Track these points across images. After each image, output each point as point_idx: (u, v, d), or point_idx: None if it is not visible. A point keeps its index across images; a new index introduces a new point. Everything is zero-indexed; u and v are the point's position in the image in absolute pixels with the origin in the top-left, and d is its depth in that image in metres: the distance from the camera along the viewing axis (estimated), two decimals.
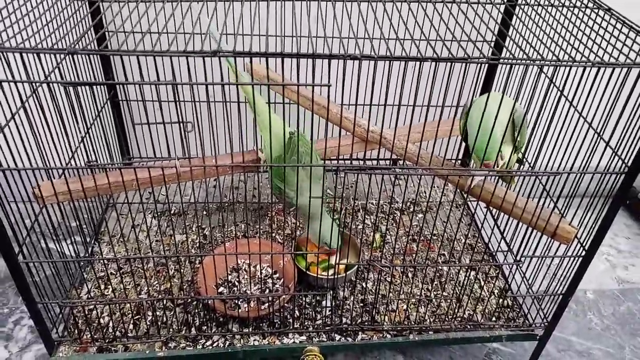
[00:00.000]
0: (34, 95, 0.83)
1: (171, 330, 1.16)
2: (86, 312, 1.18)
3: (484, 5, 0.96)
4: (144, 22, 0.86)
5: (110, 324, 1.17)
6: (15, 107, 0.85)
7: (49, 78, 0.80)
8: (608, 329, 1.46)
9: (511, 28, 0.97)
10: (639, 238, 1.80)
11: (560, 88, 0.92)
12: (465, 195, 1.58)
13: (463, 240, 1.47)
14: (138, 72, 0.81)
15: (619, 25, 0.90)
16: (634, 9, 1.17)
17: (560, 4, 0.98)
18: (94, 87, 1.17)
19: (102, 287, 1.25)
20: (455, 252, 1.43)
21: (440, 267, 1.36)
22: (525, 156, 1.22)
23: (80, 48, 0.71)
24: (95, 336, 1.13)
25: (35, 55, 0.73)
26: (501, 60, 0.76)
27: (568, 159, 0.99)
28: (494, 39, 0.88)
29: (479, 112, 0.88)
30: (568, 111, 0.99)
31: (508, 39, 0.90)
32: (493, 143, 0.90)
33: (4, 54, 0.74)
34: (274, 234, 1.44)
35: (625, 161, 0.92)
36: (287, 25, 1.24)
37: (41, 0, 0.90)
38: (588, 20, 0.93)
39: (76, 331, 1.13)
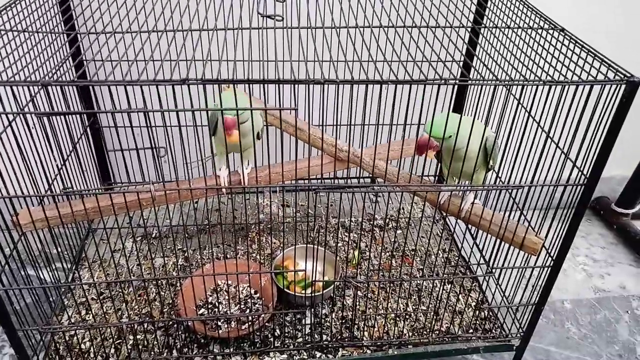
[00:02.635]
0: (10, 126, 0.86)
1: (152, 353, 1.17)
2: (67, 338, 1.18)
3: (446, 30, 1.01)
4: (121, 50, 0.90)
5: (92, 349, 1.17)
6: None
7: (25, 109, 0.82)
8: (585, 338, 1.49)
9: (475, 51, 1.01)
10: (613, 247, 1.85)
11: (520, 102, 0.96)
12: (435, 210, 1.62)
13: (439, 254, 1.50)
14: (111, 100, 0.84)
15: (571, 46, 0.95)
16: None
17: (518, 27, 1.03)
18: (71, 115, 1.20)
19: (83, 312, 1.26)
20: (431, 265, 1.46)
21: (417, 282, 1.39)
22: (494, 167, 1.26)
23: (53, 80, 0.73)
24: None
25: (9, 87, 0.75)
26: (457, 82, 0.80)
27: (534, 172, 1.03)
28: (452, 61, 0.93)
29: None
30: (527, 124, 1.03)
31: (472, 61, 0.94)
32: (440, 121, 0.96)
33: None
34: (253, 254, 1.46)
35: (585, 173, 0.96)
36: (255, 51, 1.28)
37: (18, 33, 0.93)
38: (544, 42, 0.98)
39: (57, 357, 1.14)
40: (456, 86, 1.52)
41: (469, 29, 1.07)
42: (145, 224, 1.06)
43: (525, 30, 1.02)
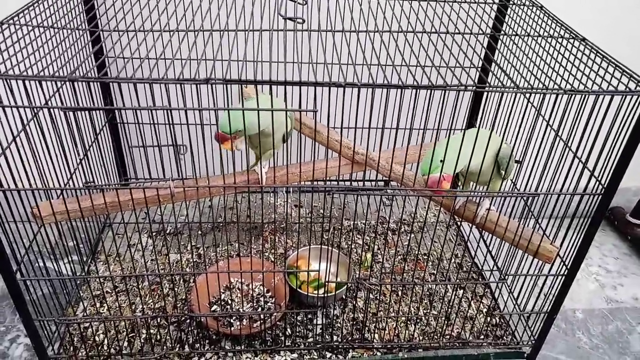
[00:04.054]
0: (34, 119, 0.88)
1: (165, 347, 1.18)
2: (82, 330, 1.20)
3: (465, 36, 1.01)
4: (142, 49, 0.91)
5: (105, 342, 1.19)
6: (16, 130, 0.89)
7: (49, 103, 0.84)
8: (597, 348, 1.48)
9: (494, 58, 1.01)
10: (627, 258, 1.83)
11: (539, 111, 0.96)
12: (450, 216, 1.62)
13: (452, 259, 1.50)
14: (135, 97, 0.86)
15: (592, 55, 0.95)
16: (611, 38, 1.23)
17: (538, 35, 1.03)
18: (93, 111, 1.22)
19: (98, 305, 1.28)
20: (444, 270, 1.46)
21: (429, 286, 1.39)
22: (509, 177, 1.26)
23: (79, 75, 0.75)
24: (90, 353, 1.15)
25: (37, 82, 0.77)
26: (477, 88, 0.80)
27: (551, 181, 1.03)
28: (474, 68, 0.93)
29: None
30: (546, 133, 1.03)
31: (491, 68, 0.94)
32: (434, 161, 0.96)
33: (8, 80, 0.79)
34: (266, 253, 1.47)
35: (602, 182, 0.96)
36: (277, 53, 1.29)
37: (44, 30, 0.95)
38: (565, 51, 0.98)
39: (72, 348, 1.16)
40: (473, 93, 1.52)
41: (489, 36, 1.07)
42: (162, 219, 1.07)
43: (546, 38, 1.02)
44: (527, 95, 1.10)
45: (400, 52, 0.91)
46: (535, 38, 1.02)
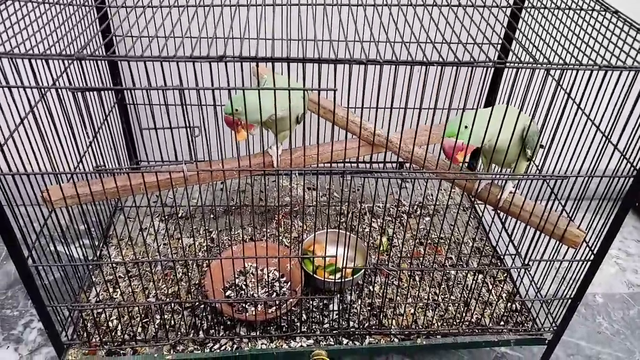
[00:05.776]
0: (42, 100, 0.84)
1: (179, 333, 1.16)
2: (95, 316, 1.18)
3: (489, 8, 0.96)
4: (151, 27, 0.87)
5: (119, 327, 1.17)
6: (24, 112, 0.86)
7: (56, 83, 0.81)
8: (618, 334, 1.44)
9: (517, 32, 0.96)
10: None
11: (568, 91, 0.91)
12: (472, 199, 1.57)
13: (471, 244, 1.46)
14: (145, 77, 0.82)
15: (626, 28, 0.90)
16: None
17: (567, 7, 0.98)
18: (102, 91, 1.19)
19: (111, 290, 1.26)
20: (462, 255, 1.42)
21: (447, 271, 1.36)
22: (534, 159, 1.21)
23: (88, 54, 0.71)
24: (104, 339, 1.14)
25: (43, 61, 0.73)
26: (507, 64, 0.75)
27: (576, 162, 0.99)
28: (500, 42, 0.88)
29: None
30: (576, 114, 0.98)
31: (514, 42, 0.89)
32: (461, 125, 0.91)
33: (14, 60, 0.75)
34: (280, 237, 1.44)
35: (634, 164, 0.91)
36: (293, 30, 1.24)
37: (49, 7, 0.91)
38: (595, 23, 0.93)
39: (85, 334, 1.14)
40: (492, 70, 1.47)
41: (517, 9, 1.02)
42: (174, 202, 1.04)
43: (576, 11, 0.97)
44: (555, 72, 1.05)
45: (422, 26, 0.87)
46: (564, 10, 0.97)
